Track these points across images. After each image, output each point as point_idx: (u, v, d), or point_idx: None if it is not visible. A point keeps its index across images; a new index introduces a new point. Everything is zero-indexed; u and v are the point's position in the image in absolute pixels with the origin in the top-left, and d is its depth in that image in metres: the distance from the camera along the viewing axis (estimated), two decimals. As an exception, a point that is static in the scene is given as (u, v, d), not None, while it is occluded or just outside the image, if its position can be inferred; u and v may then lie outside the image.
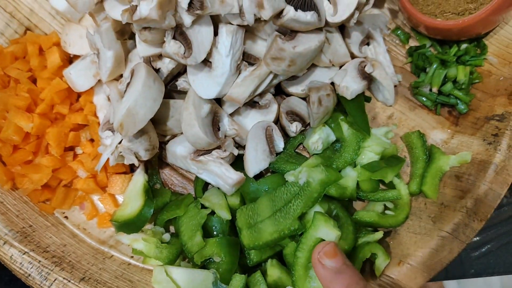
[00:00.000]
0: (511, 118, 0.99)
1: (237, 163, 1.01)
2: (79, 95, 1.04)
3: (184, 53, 0.86)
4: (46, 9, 1.12)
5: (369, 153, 1.00)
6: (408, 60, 1.10)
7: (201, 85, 0.91)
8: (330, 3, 0.93)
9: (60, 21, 1.11)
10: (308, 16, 0.86)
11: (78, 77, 0.97)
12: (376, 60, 1.06)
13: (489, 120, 1.02)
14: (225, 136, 0.97)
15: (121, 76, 0.97)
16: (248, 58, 0.94)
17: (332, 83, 1.01)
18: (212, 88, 0.91)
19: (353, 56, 1.04)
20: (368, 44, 1.07)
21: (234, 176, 0.94)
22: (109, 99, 1.00)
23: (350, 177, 0.97)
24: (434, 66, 1.05)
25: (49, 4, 1.11)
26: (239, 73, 0.93)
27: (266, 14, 0.83)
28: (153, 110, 0.87)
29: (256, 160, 0.96)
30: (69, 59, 1.08)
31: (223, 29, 0.87)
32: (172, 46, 0.85)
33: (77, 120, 1.00)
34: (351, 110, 0.99)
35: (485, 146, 1.00)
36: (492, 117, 1.02)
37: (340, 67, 1.03)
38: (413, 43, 1.11)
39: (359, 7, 0.96)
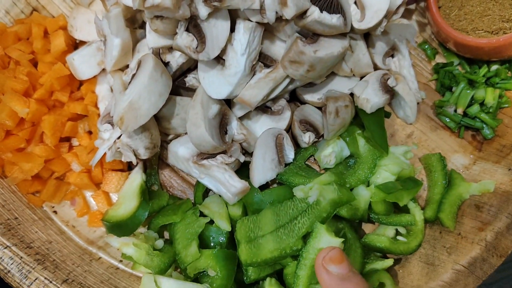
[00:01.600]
0: (541, 149, 0.93)
1: (243, 170, 0.94)
2: (81, 83, 0.98)
3: (196, 47, 0.79)
4: (55, -12, 1.06)
5: (385, 173, 0.92)
6: (434, 77, 1.03)
7: (212, 83, 0.85)
8: (357, 7, 0.86)
9: (69, 4, 1.05)
10: (333, 19, 0.80)
11: (82, 63, 0.91)
12: (399, 74, 0.99)
13: (517, 148, 0.95)
14: (232, 140, 0.91)
15: (127, 67, 0.90)
16: (264, 59, 0.87)
17: (351, 95, 0.94)
18: (223, 87, 0.84)
19: (375, 68, 0.98)
20: (392, 56, 1.00)
21: (238, 184, 0.87)
22: (112, 90, 0.93)
23: (363, 197, 0.90)
24: (461, 85, 0.98)
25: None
26: (254, 74, 0.86)
27: (289, 12, 0.76)
28: (158, 106, 0.80)
29: (263, 169, 0.89)
30: (75, 45, 1.02)
31: (240, 25, 0.81)
32: (185, 39, 0.78)
33: (76, 110, 0.94)
34: (370, 125, 0.92)
35: (509, 176, 0.93)
36: (519, 145, 0.95)
37: (361, 78, 0.97)
38: (440, 59, 1.04)
39: (387, 15, 0.89)
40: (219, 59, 0.84)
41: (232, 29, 0.83)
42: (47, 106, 0.94)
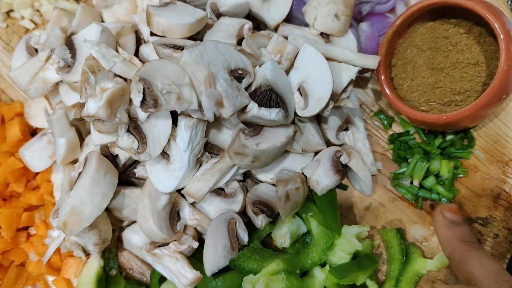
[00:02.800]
0: (494, 225, 0.92)
1: (201, 250, 0.94)
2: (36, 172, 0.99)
3: (137, 148, 0.80)
4: (15, 73, 1.08)
5: (340, 252, 0.92)
6: (390, 147, 1.02)
7: (158, 177, 0.85)
8: (301, 95, 0.87)
9: (27, 88, 1.07)
10: (272, 115, 0.80)
11: (33, 158, 0.92)
12: (353, 148, 0.99)
13: (473, 222, 0.94)
14: (185, 226, 0.91)
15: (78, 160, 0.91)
16: (211, 149, 0.88)
17: (305, 172, 0.94)
18: (170, 181, 0.85)
19: (329, 143, 0.98)
20: (347, 129, 1.00)
21: (189, 275, 0.87)
22: (66, 178, 0.94)
23: (318, 280, 0.90)
24: (417, 157, 0.98)
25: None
26: (200, 165, 0.87)
27: (226, 113, 0.77)
28: (101, 207, 0.81)
29: (215, 257, 0.89)
30: (32, 130, 1.03)
31: (182, 122, 0.82)
32: (125, 141, 0.79)
33: (32, 201, 0.95)
34: (321, 206, 0.92)
35: (467, 249, 0.92)
36: (475, 219, 0.94)
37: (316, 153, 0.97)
38: (396, 127, 1.04)
39: (334, 97, 0.90)
40: (164, 154, 0.85)
41: (175, 122, 0.84)
42: (2, 197, 0.95)
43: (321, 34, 0.98)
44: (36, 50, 0.97)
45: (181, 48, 0.81)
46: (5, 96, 1.08)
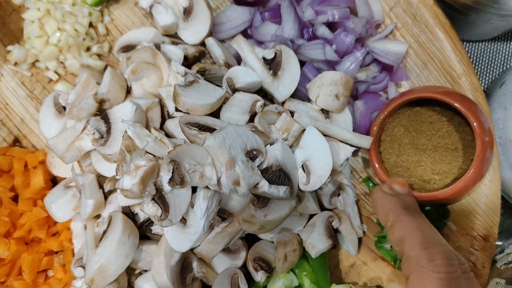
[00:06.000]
0: (461, 291, 1.06)
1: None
2: (57, 219, 1.08)
3: (160, 215, 0.90)
4: (37, 120, 1.16)
5: (328, 307, 1.05)
6: (374, 212, 1.16)
7: (175, 237, 0.96)
8: (304, 171, 0.99)
9: (49, 135, 1.15)
10: (281, 192, 0.92)
11: (58, 210, 1.01)
12: (344, 212, 1.12)
13: (442, 286, 1.08)
14: (193, 278, 1.02)
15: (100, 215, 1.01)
16: (221, 213, 0.99)
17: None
18: (185, 243, 0.95)
19: (323, 207, 1.11)
20: (338, 195, 1.13)
21: (195, 324, 0.98)
22: (85, 227, 1.03)
23: (307, 331, 1.02)
24: (397, 224, 1.12)
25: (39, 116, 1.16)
26: (212, 229, 0.98)
27: (241, 190, 0.89)
28: (125, 266, 0.91)
29: (219, 308, 1.01)
30: (52, 177, 1.12)
31: (200, 193, 0.92)
32: (150, 209, 0.89)
33: (53, 247, 1.04)
34: (314, 266, 1.05)
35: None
36: (444, 283, 1.08)
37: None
38: (381, 194, 1.17)
39: (331, 173, 1.02)
40: (182, 218, 0.96)
41: (193, 189, 0.94)
42: (25, 241, 1.04)
43: (322, 109, 1.10)
44: (64, 108, 1.06)
45: (204, 128, 0.92)
46: (27, 141, 1.16)
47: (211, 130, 0.93)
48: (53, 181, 1.12)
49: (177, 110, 0.98)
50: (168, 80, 0.99)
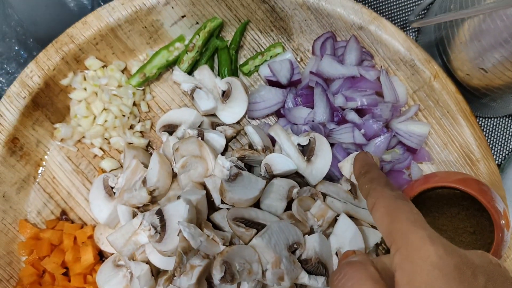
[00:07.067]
0: None
1: None
2: (105, 294, 1.16)
3: (209, 306, 0.99)
4: (83, 194, 1.24)
5: None
6: None
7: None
8: (338, 258, 1.08)
9: (94, 209, 1.23)
10: (319, 284, 1.01)
11: (110, 289, 1.09)
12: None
13: None
14: None
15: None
16: (262, 297, 1.08)
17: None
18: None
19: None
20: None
21: None
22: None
23: None
24: None
25: (85, 190, 1.23)
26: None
27: (285, 285, 0.97)
28: None
29: None
30: (99, 250, 1.20)
31: (245, 286, 1.01)
32: (200, 300, 0.98)
33: (104, 322, 1.12)
34: None
35: None
36: None
37: None
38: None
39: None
40: (227, 303, 1.04)
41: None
42: (77, 316, 1.12)
43: (350, 190, 1.19)
44: (113, 191, 1.14)
45: (249, 223, 1.01)
46: (73, 213, 1.23)
47: (256, 223, 1.02)
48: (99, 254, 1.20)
49: (222, 202, 1.06)
50: (214, 171, 1.07)
